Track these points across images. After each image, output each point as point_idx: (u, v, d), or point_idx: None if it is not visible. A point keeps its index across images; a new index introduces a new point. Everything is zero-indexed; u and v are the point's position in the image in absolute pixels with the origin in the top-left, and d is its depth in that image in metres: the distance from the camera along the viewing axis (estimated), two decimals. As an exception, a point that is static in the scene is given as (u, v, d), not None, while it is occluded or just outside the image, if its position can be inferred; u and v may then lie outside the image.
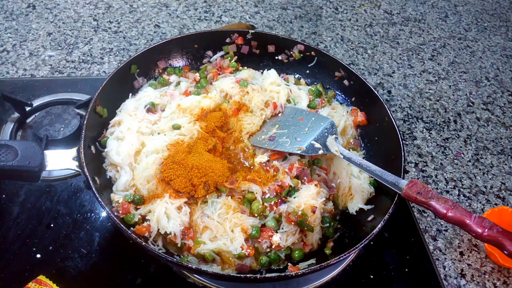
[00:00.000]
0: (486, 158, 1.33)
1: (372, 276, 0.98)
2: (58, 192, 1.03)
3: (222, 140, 1.01)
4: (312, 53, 1.19)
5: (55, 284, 0.86)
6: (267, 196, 0.91)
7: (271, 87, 1.11)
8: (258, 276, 0.79)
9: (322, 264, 0.78)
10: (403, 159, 0.94)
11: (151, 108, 1.02)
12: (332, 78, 1.19)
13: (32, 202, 1.00)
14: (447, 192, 1.22)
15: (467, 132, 1.40)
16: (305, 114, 1.05)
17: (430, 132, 1.38)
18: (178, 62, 1.19)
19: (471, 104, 1.51)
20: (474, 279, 1.04)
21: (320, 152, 0.95)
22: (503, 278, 1.04)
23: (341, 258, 0.79)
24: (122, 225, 0.78)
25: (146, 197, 0.88)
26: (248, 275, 0.78)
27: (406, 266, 1.01)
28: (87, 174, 0.83)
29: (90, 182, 0.82)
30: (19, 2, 1.57)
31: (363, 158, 1.06)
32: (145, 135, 0.97)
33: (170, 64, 1.18)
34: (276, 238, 0.87)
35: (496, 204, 1.21)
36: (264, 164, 0.96)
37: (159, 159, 0.91)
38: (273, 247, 0.87)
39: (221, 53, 1.21)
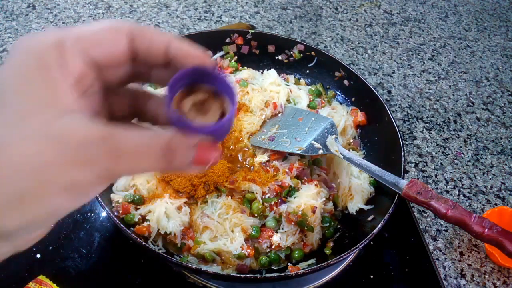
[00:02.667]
0: (486, 158, 1.33)
1: (372, 276, 0.98)
2: (58, 192, 1.03)
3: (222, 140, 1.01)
4: (312, 53, 1.19)
5: (55, 284, 0.86)
6: (267, 196, 0.91)
7: (271, 87, 1.11)
8: (258, 276, 0.79)
9: (322, 264, 0.78)
10: (403, 159, 0.94)
11: (151, 108, 1.02)
12: (332, 78, 1.19)
13: (32, 202, 1.00)
14: (447, 192, 1.22)
15: (467, 132, 1.40)
16: (305, 114, 1.05)
17: (430, 132, 1.38)
18: (178, 62, 1.19)
19: (471, 104, 1.51)
20: (474, 279, 1.04)
21: (320, 152, 0.95)
22: (503, 278, 1.04)
23: (341, 258, 0.79)
24: (122, 225, 0.78)
25: (146, 197, 0.88)
26: (248, 275, 0.79)
27: (406, 266, 1.01)
28: (87, 174, 0.83)
29: (90, 182, 0.82)
30: (19, 2, 1.57)
31: (363, 158, 1.06)
32: (145, 135, 0.97)
33: (170, 64, 1.17)
34: (276, 238, 0.87)
35: (496, 204, 1.21)
36: (264, 164, 0.96)
37: (159, 159, 0.91)
38: (273, 247, 0.87)
39: (221, 53, 1.21)
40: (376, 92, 1.08)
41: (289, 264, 0.87)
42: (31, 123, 0.27)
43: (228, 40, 1.20)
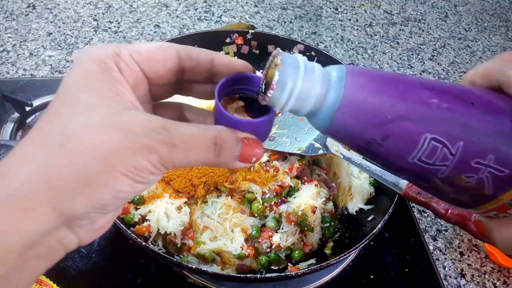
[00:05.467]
0: (486, 158, 1.33)
1: (372, 276, 0.98)
2: (58, 192, 1.03)
3: (222, 140, 1.01)
4: (312, 53, 1.19)
5: (55, 284, 0.85)
6: (267, 196, 0.91)
7: (271, 87, 1.11)
8: (258, 276, 0.79)
9: (322, 264, 0.78)
10: (403, 159, 0.94)
11: (151, 108, 1.02)
12: (332, 78, 1.19)
13: (32, 202, 1.00)
14: (447, 192, 1.22)
15: (467, 132, 1.40)
16: (305, 114, 1.05)
17: (430, 132, 1.38)
18: (178, 62, 1.19)
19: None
20: (474, 279, 1.04)
21: (320, 152, 0.95)
22: (503, 278, 1.04)
23: (341, 258, 0.79)
24: (122, 225, 0.78)
25: (146, 197, 0.88)
26: (248, 275, 0.79)
27: (406, 266, 1.01)
28: (87, 174, 0.83)
29: (90, 182, 0.82)
30: (19, 2, 1.57)
31: (363, 158, 1.06)
32: (145, 135, 0.97)
33: (170, 64, 1.17)
34: (276, 238, 0.87)
35: (496, 204, 1.21)
36: (264, 164, 0.96)
37: (159, 159, 0.91)
38: (273, 247, 0.87)
39: (221, 53, 1.21)
40: (376, 92, 1.08)
41: (289, 264, 0.87)
42: (98, 115, 0.31)
43: (228, 40, 1.20)
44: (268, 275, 0.82)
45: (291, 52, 1.21)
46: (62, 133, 0.30)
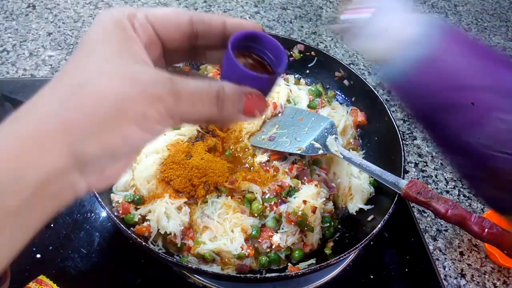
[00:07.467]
0: (486, 158, 1.33)
1: (372, 276, 0.98)
2: (58, 192, 1.03)
3: (222, 140, 1.01)
4: (312, 53, 1.19)
5: (55, 284, 0.86)
6: (267, 196, 0.91)
7: (271, 87, 1.11)
8: (258, 276, 0.79)
9: (322, 264, 0.79)
10: (403, 159, 0.94)
11: (151, 108, 1.02)
12: (332, 78, 1.19)
13: (32, 202, 1.00)
14: (447, 192, 1.22)
15: (467, 132, 1.40)
16: (305, 114, 1.05)
17: (430, 132, 1.38)
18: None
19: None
20: (474, 279, 1.04)
21: (320, 152, 0.95)
22: (503, 278, 1.04)
23: (341, 258, 0.79)
24: (122, 225, 0.79)
25: (146, 197, 0.88)
26: (248, 275, 0.79)
27: (406, 266, 1.01)
28: (87, 174, 0.83)
29: (90, 182, 0.82)
30: (19, 2, 1.57)
31: (363, 158, 1.06)
32: (145, 135, 0.97)
33: (170, 64, 1.17)
34: (276, 238, 0.87)
35: (496, 204, 1.21)
36: (264, 164, 0.96)
37: (159, 159, 0.91)
38: (273, 247, 0.87)
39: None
40: (376, 92, 1.08)
41: (289, 264, 0.87)
42: (111, 65, 0.33)
43: (228, 40, 1.20)
44: (268, 275, 0.82)
45: (292, 52, 1.21)
46: (78, 81, 0.32)
